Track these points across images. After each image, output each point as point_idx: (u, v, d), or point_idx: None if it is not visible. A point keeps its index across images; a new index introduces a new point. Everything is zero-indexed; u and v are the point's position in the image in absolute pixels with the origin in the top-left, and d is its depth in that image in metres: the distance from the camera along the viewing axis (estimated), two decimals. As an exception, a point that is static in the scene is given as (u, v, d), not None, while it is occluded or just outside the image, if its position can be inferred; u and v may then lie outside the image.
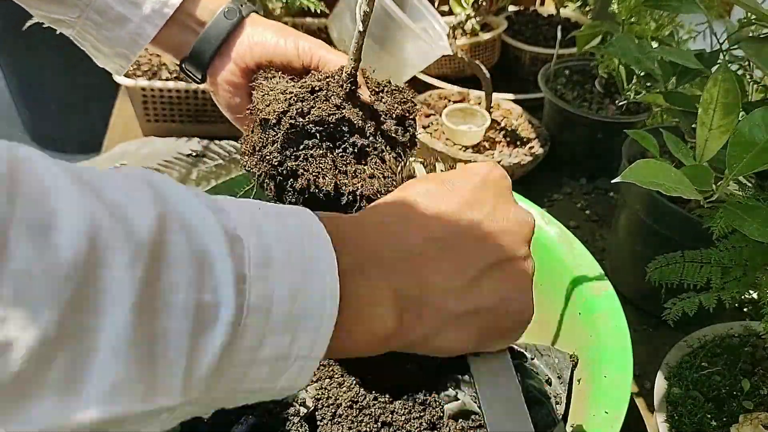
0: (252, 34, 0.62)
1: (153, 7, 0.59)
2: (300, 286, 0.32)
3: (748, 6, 0.60)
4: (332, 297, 0.33)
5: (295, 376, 0.33)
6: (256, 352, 0.30)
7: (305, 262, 0.32)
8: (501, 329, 0.43)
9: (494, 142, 1.06)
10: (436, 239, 0.39)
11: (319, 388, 0.62)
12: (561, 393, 0.61)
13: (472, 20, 1.24)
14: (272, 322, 0.30)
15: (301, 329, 0.32)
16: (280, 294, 0.31)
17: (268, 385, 0.32)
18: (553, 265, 0.70)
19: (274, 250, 0.31)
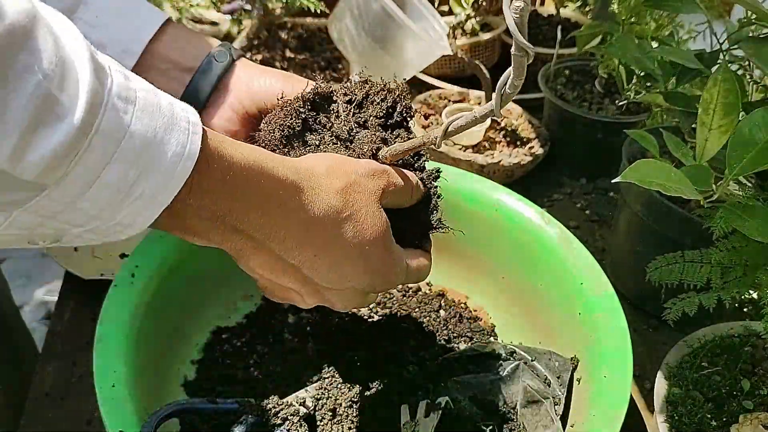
0: (251, 80, 0.59)
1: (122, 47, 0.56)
2: (160, 134, 0.35)
3: (749, 5, 0.60)
4: (189, 158, 0.36)
5: (136, 214, 0.37)
6: (100, 172, 0.33)
7: (173, 121, 0.36)
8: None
9: (494, 142, 1.06)
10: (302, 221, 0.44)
11: (319, 388, 0.62)
12: (560, 394, 0.61)
13: (472, 20, 1.24)
14: (122, 152, 0.34)
15: (150, 171, 0.35)
16: (136, 130, 0.34)
17: (107, 213, 0.35)
18: (553, 265, 0.70)
19: (139, 95, 0.35)
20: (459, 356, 0.67)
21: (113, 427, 0.50)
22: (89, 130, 0.32)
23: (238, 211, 0.41)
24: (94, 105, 0.32)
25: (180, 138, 0.36)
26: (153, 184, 0.36)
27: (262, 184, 0.42)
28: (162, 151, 0.35)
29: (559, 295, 0.69)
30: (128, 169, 0.34)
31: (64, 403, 0.70)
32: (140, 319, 0.60)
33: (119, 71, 0.35)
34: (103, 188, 0.34)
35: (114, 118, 0.33)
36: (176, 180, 0.37)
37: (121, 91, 0.34)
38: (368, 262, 0.48)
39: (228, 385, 0.66)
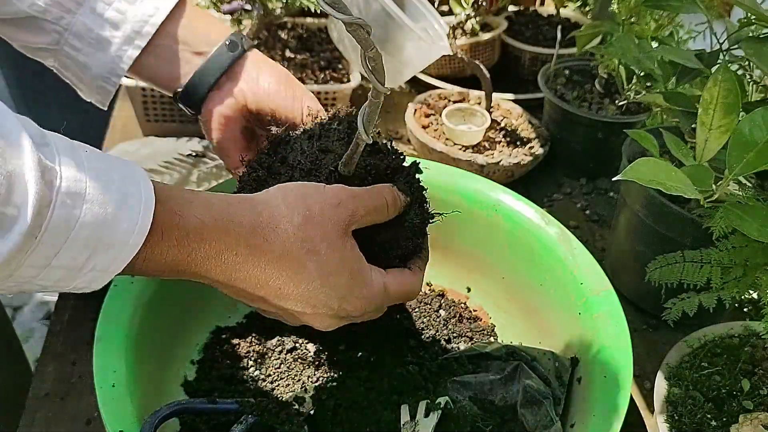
0: (257, 77, 0.60)
1: (133, 27, 0.57)
2: (110, 217, 0.38)
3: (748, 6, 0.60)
4: (139, 233, 0.39)
5: (90, 281, 0.40)
6: (51, 259, 0.37)
7: (124, 200, 0.38)
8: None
9: (494, 142, 1.06)
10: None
11: (319, 388, 0.62)
12: (560, 394, 0.61)
13: (472, 20, 1.24)
14: (72, 241, 0.37)
15: (101, 250, 0.38)
16: (86, 221, 0.37)
17: (62, 284, 0.39)
18: (553, 265, 0.70)
19: (90, 184, 0.37)
20: (459, 356, 0.67)
21: (113, 427, 0.50)
22: (38, 232, 0.35)
23: (196, 264, 0.43)
24: (42, 208, 0.35)
25: (131, 215, 0.39)
26: (104, 259, 0.39)
27: (217, 238, 0.43)
28: (112, 231, 0.38)
29: (559, 295, 0.69)
30: (79, 253, 0.37)
31: (64, 403, 0.70)
32: (140, 319, 0.60)
33: (70, 164, 0.37)
34: (55, 270, 0.37)
35: (63, 215, 0.36)
36: (127, 253, 0.39)
37: (71, 187, 0.36)
38: (335, 291, 0.48)
39: (228, 385, 0.66)
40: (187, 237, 0.42)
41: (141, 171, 0.41)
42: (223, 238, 0.43)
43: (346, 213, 0.48)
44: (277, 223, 0.45)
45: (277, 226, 0.45)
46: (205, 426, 0.60)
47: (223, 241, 0.43)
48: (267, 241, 0.45)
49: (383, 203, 0.51)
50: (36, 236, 0.35)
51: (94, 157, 0.39)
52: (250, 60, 0.61)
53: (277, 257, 0.45)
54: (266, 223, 0.45)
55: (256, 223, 0.45)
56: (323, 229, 0.46)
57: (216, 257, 0.43)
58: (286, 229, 0.45)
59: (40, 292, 0.41)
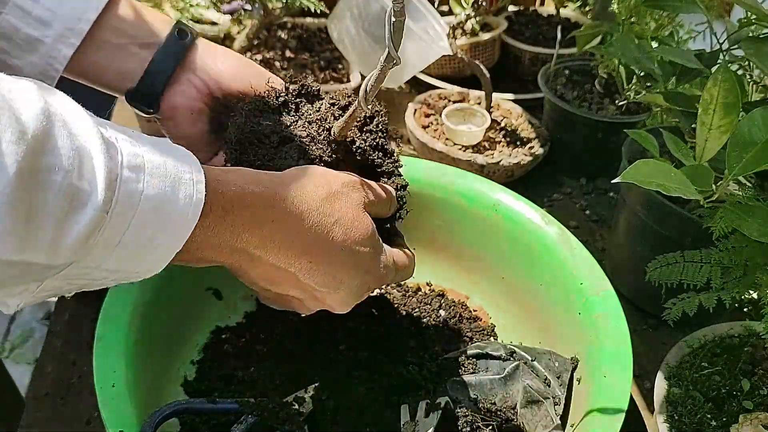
0: (215, 61, 0.58)
1: (66, 24, 0.53)
2: (170, 191, 0.38)
3: (748, 5, 0.60)
4: (196, 206, 0.40)
5: (153, 262, 0.40)
6: (122, 235, 0.37)
7: (178, 175, 0.39)
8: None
9: (494, 142, 1.06)
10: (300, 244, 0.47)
11: (319, 388, 0.62)
12: (560, 394, 0.61)
13: (472, 20, 1.24)
14: (139, 216, 0.37)
15: (165, 225, 0.39)
16: (149, 194, 0.37)
17: (129, 266, 0.39)
18: (553, 265, 0.70)
19: (146, 159, 0.38)
20: (459, 356, 0.67)
21: (113, 427, 0.50)
22: (109, 206, 0.36)
23: (236, 235, 0.44)
24: (111, 182, 0.36)
25: (187, 190, 0.40)
26: (168, 235, 0.39)
27: (255, 207, 0.45)
28: (173, 206, 0.39)
29: (559, 295, 0.69)
30: (146, 229, 0.38)
31: (64, 403, 0.70)
32: (140, 319, 0.60)
33: (126, 140, 0.38)
34: (125, 248, 0.38)
35: (128, 189, 0.37)
36: (186, 228, 0.40)
37: (131, 161, 0.37)
38: (359, 262, 0.50)
39: (228, 385, 0.66)
40: (231, 205, 0.43)
41: (184, 149, 0.42)
42: (261, 204, 0.45)
43: (361, 194, 0.52)
44: (306, 196, 0.48)
45: (307, 198, 0.48)
46: (205, 426, 0.60)
47: (261, 207, 0.45)
48: (299, 210, 0.47)
49: (388, 199, 0.55)
50: (108, 211, 0.35)
51: (141, 136, 0.40)
52: (201, 47, 0.58)
53: (309, 227, 0.47)
54: (296, 196, 0.47)
55: (287, 194, 0.47)
56: (346, 204, 0.50)
57: (253, 228, 0.45)
58: (315, 201, 0.48)
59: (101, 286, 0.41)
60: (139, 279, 0.42)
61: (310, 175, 0.50)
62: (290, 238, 0.47)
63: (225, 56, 0.59)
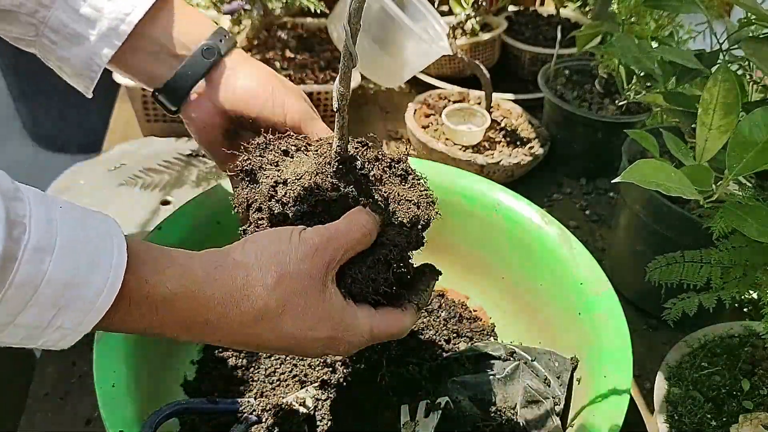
0: (235, 82, 0.59)
1: (109, 25, 0.56)
2: (79, 275, 0.37)
3: (748, 6, 0.60)
4: (107, 296, 0.38)
5: (57, 340, 0.39)
6: (16, 317, 0.36)
7: (94, 256, 0.38)
8: None
9: (494, 142, 1.06)
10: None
11: (319, 388, 0.62)
12: (560, 394, 0.61)
13: (472, 20, 1.24)
14: (38, 298, 0.36)
15: (69, 309, 0.37)
16: (54, 278, 0.36)
17: (27, 342, 0.38)
18: (553, 265, 0.70)
19: (60, 242, 0.36)
20: (459, 356, 0.67)
21: (113, 427, 0.50)
22: (2, 287, 0.34)
23: (167, 330, 0.43)
24: (7, 261, 0.34)
25: (101, 277, 0.38)
26: (71, 318, 0.38)
27: (188, 308, 0.42)
28: (80, 290, 0.37)
29: (559, 295, 0.69)
30: (45, 311, 0.36)
31: (64, 403, 0.70)
32: (140, 319, 0.60)
33: (40, 219, 0.36)
34: (19, 328, 0.36)
35: (29, 270, 0.35)
36: (94, 314, 0.38)
37: (39, 243, 0.35)
38: (317, 344, 0.47)
39: (228, 385, 0.66)
40: (156, 307, 0.41)
41: (117, 230, 0.41)
42: (193, 308, 0.43)
43: (324, 260, 0.46)
44: (252, 288, 0.44)
45: (251, 292, 0.44)
46: (205, 426, 0.60)
47: (194, 311, 0.43)
48: (240, 309, 0.44)
49: (363, 234, 0.49)
50: (0, 291, 0.34)
51: (69, 212, 0.38)
52: (228, 64, 0.59)
53: (252, 321, 0.45)
54: (240, 289, 0.44)
55: (229, 290, 0.44)
56: (300, 285, 0.45)
57: (186, 326, 0.43)
58: (260, 294, 0.44)
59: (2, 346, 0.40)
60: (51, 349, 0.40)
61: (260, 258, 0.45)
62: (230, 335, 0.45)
63: (246, 78, 0.59)
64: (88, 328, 0.39)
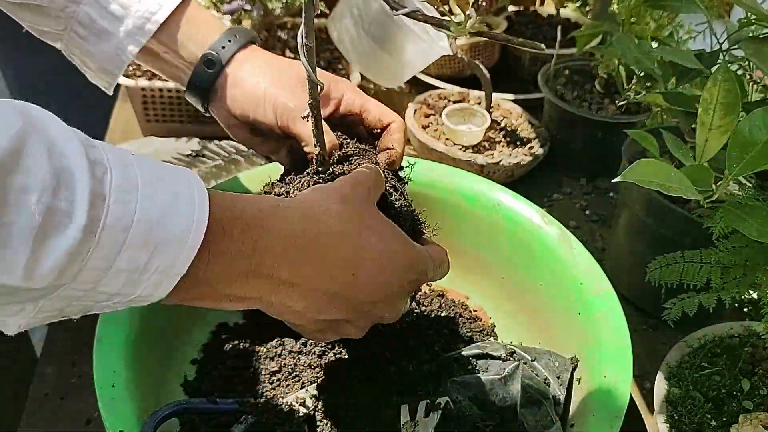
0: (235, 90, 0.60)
1: (135, 23, 0.58)
2: (166, 212, 0.37)
3: (748, 6, 0.60)
4: (198, 228, 0.38)
5: (154, 287, 0.38)
6: (113, 261, 0.35)
7: (177, 195, 0.38)
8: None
9: (494, 142, 1.06)
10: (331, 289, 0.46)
11: (319, 389, 0.62)
12: (560, 394, 0.61)
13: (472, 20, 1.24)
14: (131, 239, 0.35)
15: (160, 250, 0.37)
16: (143, 216, 0.36)
17: (127, 290, 0.37)
18: (553, 265, 0.70)
19: (141, 180, 0.36)
20: (459, 356, 0.67)
21: (113, 427, 0.50)
22: (96, 228, 0.34)
23: (261, 260, 0.42)
24: (96, 204, 0.34)
25: (187, 210, 0.38)
26: (166, 258, 0.37)
27: (278, 226, 0.43)
28: (170, 227, 0.37)
29: (558, 295, 0.69)
30: (140, 252, 0.36)
31: (64, 403, 0.70)
32: (140, 319, 0.60)
33: (119, 160, 0.36)
34: (119, 273, 0.36)
35: (119, 211, 0.35)
36: (188, 250, 0.38)
37: (122, 183, 0.35)
38: (399, 259, 0.48)
39: (228, 385, 0.66)
40: (248, 228, 0.41)
41: (189, 171, 0.41)
42: (283, 225, 0.43)
43: (365, 188, 0.50)
44: (326, 207, 0.46)
45: (327, 208, 0.46)
46: (205, 426, 0.60)
47: (284, 227, 0.43)
48: (323, 222, 0.45)
49: (376, 172, 0.53)
50: (95, 233, 0.34)
51: (140, 158, 0.38)
52: (229, 72, 0.61)
53: (338, 235, 0.45)
54: (316, 208, 0.45)
55: (305, 210, 0.45)
56: (361, 205, 0.48)
57: (280, 246, 0.43)
58: (336, 209, 0.46)
59: (106, 309, 0.39)
60: (148, 303, 0.40)
61: (315, 191, 0.48)
62: (321, 253, 0.44)
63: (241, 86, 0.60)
64: (183, 268, 0.38)
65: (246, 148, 1.04)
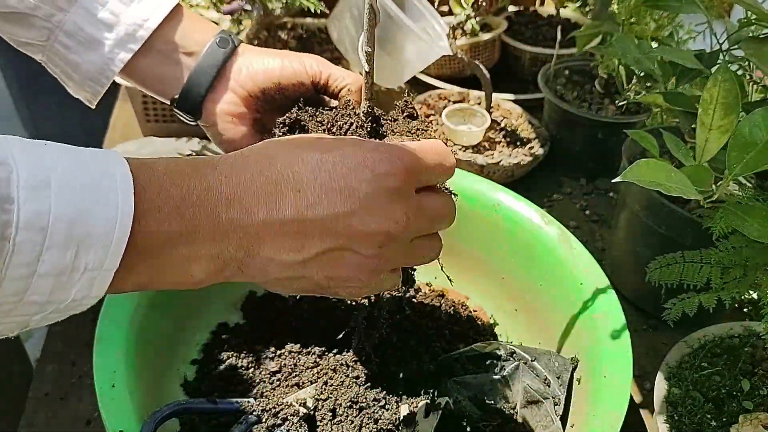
0: (250, 63, 0.59)
1: (127, 30, 0.56)
2: (85, 206, 0.34)
3: (748, 5, 0.60)
4: (125, 218, 0.35)
5: (88, 287, 0.36)
6: (35, 266, 0.33)
7: (95, 185, 0.35)
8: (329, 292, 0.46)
9: (494, 143, 1.06)
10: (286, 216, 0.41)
11: (319, 388, 0.62)
12: (560, 394, 0.61)
13: (472, 20, 1.24)
14: (51, 239, 0.33)
15: (86, 245, 0.34)
16: (59, 213, 0.33)
17: (58, 295, 0.35)
18: (553, 265, 0.70)
19: (53, 174, 0.33)
20: (459, 356, 0.67)
21: (113, 427, 0.50)
22: (9, 233, 0.32)
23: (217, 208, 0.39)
24: (4, 208, 0.32)
25: (109, 196, 0.35)
26: (94, 254, 0.35)
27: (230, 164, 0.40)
28: (92, 221, 0.34)
29: (558, 295, 0.69)
30: (63, 252, 0.34)
31: (64, 403, 0.70)
32: (140, 319, 0.60)
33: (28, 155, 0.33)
34: (45, 278, 0.34)
35: (31, 210, 0.32)
36: (118, 241, 0.35)
37: (31, 180, 0.33)
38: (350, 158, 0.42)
39: (228, 385, 0.66)
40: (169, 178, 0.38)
41: (114, 153, 0.38)
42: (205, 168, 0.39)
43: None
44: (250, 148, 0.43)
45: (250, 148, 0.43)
46: (205, 426, 0.60)
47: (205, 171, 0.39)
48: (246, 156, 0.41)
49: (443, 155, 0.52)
50: (8, 238, 0.32)
51: (57, 147, 0.36)
52: (240, 53, 0.59)
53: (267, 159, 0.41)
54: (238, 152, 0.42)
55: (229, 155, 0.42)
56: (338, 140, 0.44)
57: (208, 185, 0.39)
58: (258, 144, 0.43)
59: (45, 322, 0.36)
60: (83, 309, 0.37)
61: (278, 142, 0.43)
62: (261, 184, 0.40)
63: (260, 57, 0.59)
64: (116, 262, 0.36)
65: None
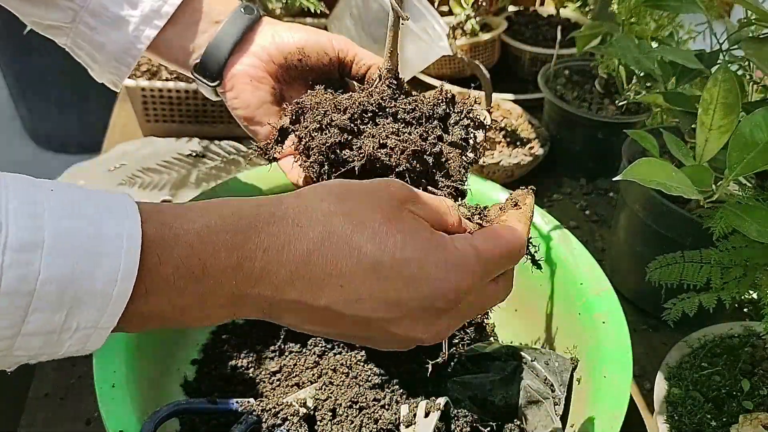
0: (275, 30, 0.59)
1: (152, 7, 0.56)
2: (82, 266, 0.32)
3: (748, 5, 0.60)
4: (126, 279, 0.33)
5: (81, 343, 0.34)
6: (20, 326, 0.31)
7: (99, 244, 0.32)
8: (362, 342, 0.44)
9: (494, 143, 1.06)
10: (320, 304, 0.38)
11: (319, 388, 0.62)
12: (560, 394, 0.61)
13: (472, 20, 1.24)
14: (38, 302, 0.31)
15: (80, 307, 0.32)
16: (49, 276, 0.31)
17: (49, 350, 0.34)
18: (552, 265, 0.70)
19: (47, 234, 0.31)
20: (459, 356, 0.67)
21: (113, 427, 0.50)
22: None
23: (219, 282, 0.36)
24: None
25: (110, 260, 0.33)
26: (89, 314, 0.33)
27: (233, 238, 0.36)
28: (89, 282, 0.32)
29: (558, 295, 0.69)
30: (52, 315, 0.32)
31: (64, 403, 0.70)
32: (140, 319, 0.60)
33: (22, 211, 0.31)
34: (31, 337, 0.32)
35: (17, 275, 0.30)
36: (116, 303, 0.33)
37: (21, 242, 0.31)
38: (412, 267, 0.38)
39: (228, 385, 0.66)
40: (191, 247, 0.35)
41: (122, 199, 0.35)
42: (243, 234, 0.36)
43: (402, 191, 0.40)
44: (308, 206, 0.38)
45: (308, 208, 0.38)
46: (205, 426, 0.60)
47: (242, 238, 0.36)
48: (299, 225, 0.37)
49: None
50: None
51: (60, 195, 0.33)
52: (265, 22, 0.60)
53: (319, 239, 0.37)
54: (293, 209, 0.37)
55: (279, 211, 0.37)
56: (371, 201, 0.38)
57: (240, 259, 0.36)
58: (321, 208, 0.38)
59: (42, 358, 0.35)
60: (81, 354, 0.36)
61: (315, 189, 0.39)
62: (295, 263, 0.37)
63: (287, 30, 0.59)
64: (112, 322, 0.34)
65: (245, 148, 1.04)
